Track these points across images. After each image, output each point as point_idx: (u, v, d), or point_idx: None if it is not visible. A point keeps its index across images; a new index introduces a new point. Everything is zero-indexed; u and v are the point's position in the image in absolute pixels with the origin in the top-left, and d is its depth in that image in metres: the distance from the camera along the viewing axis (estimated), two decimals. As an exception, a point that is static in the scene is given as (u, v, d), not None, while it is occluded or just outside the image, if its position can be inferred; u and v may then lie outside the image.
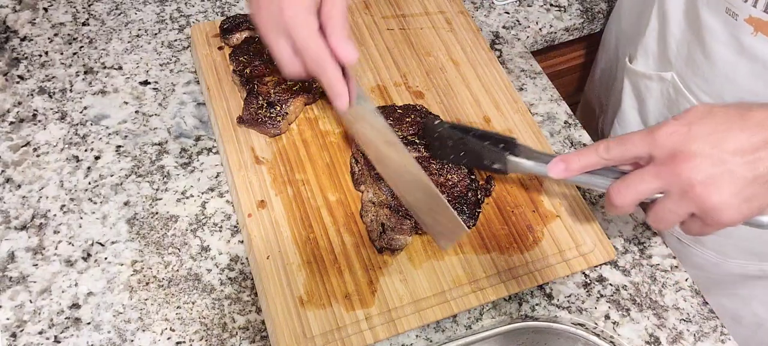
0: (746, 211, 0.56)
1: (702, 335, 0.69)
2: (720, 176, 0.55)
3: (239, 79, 0.82)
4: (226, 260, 0.72)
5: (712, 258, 0.89)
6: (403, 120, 0.78)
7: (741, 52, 0.74)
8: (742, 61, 0.74)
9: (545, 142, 0.81)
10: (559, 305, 0.70)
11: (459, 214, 0.71)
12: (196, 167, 0.80)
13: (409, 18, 0.94)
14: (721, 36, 0.75)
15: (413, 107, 0.80)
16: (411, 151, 0.75)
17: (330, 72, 0.64)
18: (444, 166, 0.73)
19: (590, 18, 1.02)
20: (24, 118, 0.84)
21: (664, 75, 0.86)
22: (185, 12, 0.97)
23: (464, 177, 0.73)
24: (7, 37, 0.93)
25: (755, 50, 0.72)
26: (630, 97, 0.93)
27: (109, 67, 0.89)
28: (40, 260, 0.72)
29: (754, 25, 0.71)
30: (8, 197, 0.76)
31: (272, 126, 0.78)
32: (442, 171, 0.73)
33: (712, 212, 0.56)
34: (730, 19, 0.73)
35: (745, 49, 0.73)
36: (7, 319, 0.68)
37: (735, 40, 0.74)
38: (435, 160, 0.74)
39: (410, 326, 0.66)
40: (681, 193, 0.57)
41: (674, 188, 0.57)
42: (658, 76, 0.87)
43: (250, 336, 0.67)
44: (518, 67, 0.93)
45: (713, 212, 0.56)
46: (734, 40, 0.74)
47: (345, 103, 0.66)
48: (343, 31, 0.64)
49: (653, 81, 0.88)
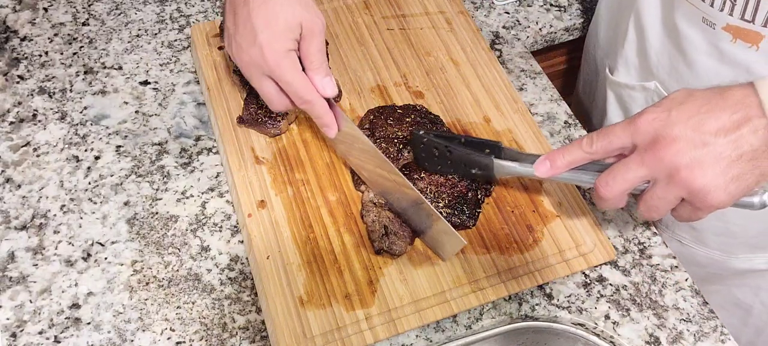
0: (734, 190, 0.56)
1: (702, 335, 0.69)
2: (704, 157, 0.55)
3: (239, 79, 0.82)
4: (226, 260, 0.72)
5: (718, 256, 0.88)
6: (403, 120, 0.78)
7: (722, 59, 0.74)
8: (725, 69, 0.74)
9: (545, 142, 0.81)
10: (559, 305, 0.70)
11: (459, 214, 0.71)
12: (196, 167, 0.80)
13: (409, 18, 0.93)
14: (701, 45, 0.75)
15: (413, 107, 0.80)
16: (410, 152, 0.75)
17: (317, 107, 0.69)
18: None
19: (590, 18, 1.02)
20: (24, 118, 0.84)
21: (647, 85, 0.85)
22: (185, 12, 0.97)
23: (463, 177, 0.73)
24: (7, 37, 0.93)
25: (736, 57, 0.72)
26: (615, 107, 0.93)
27: (109, 67, 0.89)
28: (40, 260, 0.72)
29: (732, 32, 0.71)
30: (8, 197, 0.76)
31: (272, 126, 0.78)
32: (442, 171, 0.73)
33: (700, 194, 0.56)
34: (707, 28, 0.73)
35: (726, 56, 0.73)
36: (7, 319, 0.68)
37: (715, 49, 0.74)
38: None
39: (410, 326, 0.66)
40: (667, 178, 0.57)
41: (660, 174, 0.57)
42: (641, 86, 0.86)
43: (250, 336, 0.67)
44: (518, 67, 0.93)
45: (701, 194, 0.56)
46: (714, 49, 0.74)
47: (334, 132, 0.71)
48: (323, 67, 0.69)
49: (636, 91, 0.87)
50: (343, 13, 0.93)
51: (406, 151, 0.75)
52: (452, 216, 0.71)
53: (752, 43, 0.70)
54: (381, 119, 0.78)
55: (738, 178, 0.56)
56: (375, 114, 0.79)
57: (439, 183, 0.73)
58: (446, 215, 0.71)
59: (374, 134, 0.77)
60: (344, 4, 0.94)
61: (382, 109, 0.80)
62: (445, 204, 0.72)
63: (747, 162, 0.56)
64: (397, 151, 0.75)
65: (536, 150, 0.80)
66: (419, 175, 0.73)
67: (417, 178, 0.73)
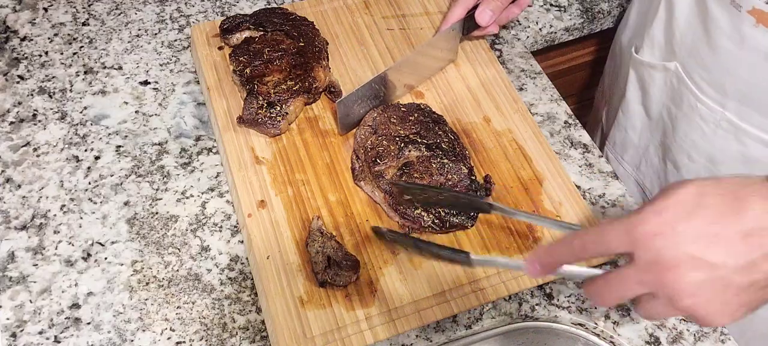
0: (740, 315, 0.50)
1: (702, 335, 0.69)
2: (711, 286, 0.48)
3: (239, 79, 0.82)
4: (226, 260, 0.72)
5: None
6: (406, 119, 0.78)
7: (742, 43, 0.75)
8: (743, 53, 0.75)
9: (545, 142, 0.81)
10: (559, 305, 0.70)
11: (458, 214, 0.71)
12: (196, 167, 0.80)
13: (409, 18, 0.93)
14: (726, 27, 0.76)
15: (417, 106, 0.80)
16: (412, 150, 0.75)
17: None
18: (444, 166, 0.74)
19: (590, 18, 1.02)
20: (24, 118, 0.84)
21: (668, 65, 0.87)
22: (185, 12, 0.97)
23: (464, 177, 0.73)
24: (7, 37, 0.93)
25: (756, 42, 0.73)
26: (634, 87, 0.94)
27: (109, 67, 0.89)
28: (40, 260, 0.72)
29: (756, 16, 0.72)
30: (8, 197, 0.76)
31: (272, 126, 0.78)
32: (443, 171, 0.73)
33: (703, 320, 0.50)
34: (734, 10, 0.74)
35: (746, 40, 0.74)
36: (7, 319, 0.68)
37: (737, 32, 0.75)
38: (436, 160, 0.74)
39: (410, 326, 0.66)
40: (668, 300, 0.50)
41: (660, 295, 0.50)
42: (662, 66, 0.88)
43: (250, 336, 0.67)
44: (518, 67, 0.93)
45: (703, 320, 0.50)
46: (736, 32, 0.75)
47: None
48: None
49: (657, 71, 0.89)
50: (343, 13, 0.93)
51: (408, 150, 0.75)
52: (451, 216, 0.71)
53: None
54: (384, 117, 0.78)
55: (747, 304, 0.50)
56: (379, 112, 0.79)
57: (439, 183, 0.73)
58: (445, 214, 0.71)
59: (377, 132, 0.77)
60: (344, 4, 0.94)
61: (386, 108, 0.80)
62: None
63: (759, 289, 0.49)
64: (398, 149, 0.75)
65: (536, 150, 0.80)
66: (421, 175, 0.73)
67: (417, 178, 0.73)
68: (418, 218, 0.71)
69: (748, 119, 0.80)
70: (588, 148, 0.84)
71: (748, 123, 0.80)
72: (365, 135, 0.77)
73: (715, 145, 0.84)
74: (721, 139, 0.83)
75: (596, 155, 0.83)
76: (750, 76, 0.76)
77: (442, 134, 0.77)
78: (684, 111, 0.86)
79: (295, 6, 0.94)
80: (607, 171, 0.82)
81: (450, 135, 0.78)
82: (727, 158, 0.84)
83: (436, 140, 0.76)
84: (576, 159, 0.83)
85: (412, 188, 0.70)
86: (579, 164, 0.82)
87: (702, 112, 0.83)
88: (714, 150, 0.85)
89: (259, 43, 0.84)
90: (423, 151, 0.75)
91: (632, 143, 0.98)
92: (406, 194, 0.71)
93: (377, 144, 0.76)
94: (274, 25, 0.86)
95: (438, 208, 0.71)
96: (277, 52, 0.82)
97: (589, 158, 0.83)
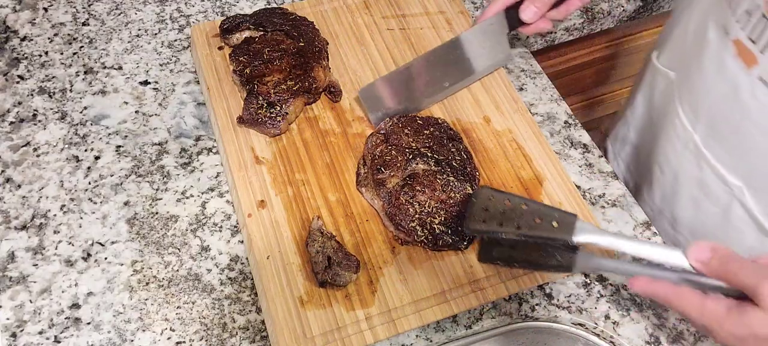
0: None
1: (702, 335, 0.69)
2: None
3: (239, 79, 0.82)
4: (226, 260, 0.72)
5: None
6: (421, 132, 0.77)
7: (720, 70, 0.74)
8: (718, 80, 0.74)
9: (545, 142, 0.81)
10: (559, 305, 0.70)
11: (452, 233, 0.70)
12: (196, 167, 0.80)
13: (409, 18, 0.94)
14: (712, 50, 0.75)
15: (434, 121, 0.79)
16: (420, 162, 0.74)
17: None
18: (449, 184, 0.73)
19: (590, 18, 1.02)
20: (24, 118, 0.84)
21: (670, 73, 0.86)
22: (185, 12, 0.97)
23: (466, 197, 0.72)
24: (7, 37, 0.93)
25: (731, 73, 0.72)
26: (646, 87, 0.94)
27: (109, 67, 0.89)
28: (40, 260, 0.72)
29: (737, 48, 0.71)
30: (8, 197, 0.76)
31: (272, 126, 0.78)
32: (446, 188, 0.72)
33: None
34: (723, 35, 0.73)
35: (725, 69, 0.73)
36: (7, 319, 0.68)
37: (718, 57, 0.74)
38: (442, 176, 0.73)
39: (410, 326, 0.66)
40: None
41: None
42: (665, 72, 0.87)
43: (250, 336, 0.67)
44: (518, 67, 0.93)
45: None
46: (718, 56, 0.74)
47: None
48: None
49: (661, 76, 0.88)
50: (343, 13, 0.93)
51: (415, 162, 0.74)
52: (444, 235, 0.70)
53: (747, 64, 0.70)
54: (399, 127, 0.77)
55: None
56: (394, 122, 0.78)
57: (441, 200, 0.72)
58: (439, 232, 0.70)
59: (388, 140, 0.76)
60: (344, 4, 0.94)
61: (402, 118, 0.79)
62: (439, 221, 0.71)
63: None
64: (405, 161, 0.74)
65: (536, 149, 0.80)
66: (422, 188, 0.73)
67: (419, 190, 0.72)
68: (412, 231, 0.70)
69: (710, 148, 0.78)
70: (588, 148, 0.84)
71: (710, 151, 0.78)
72: (376, 142, 0.77)
73: (681, 164, 0.83)
74: (686, 161, 0.82)
75: (596, 155, 0.83)
76: (719, 104, 0.75)
77: (455, 152, 0.76)
78: (667, 124, 0.85)
79: (295, 6, 0.94)
80: (607, 171, 0.82)
81: (463, 153, 0.77)
82: (686, 180, 0.83)
83: (448, 157, 0.75)
84: (576, 159, 0.83)
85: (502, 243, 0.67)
86: (579, 164, 0.82)
87: (677, 129, 0.83)
88: (680, 169, 0.84)
89: (259, 43, 0.84)
90: (431, 165, 0.74)
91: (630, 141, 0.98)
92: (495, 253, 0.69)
93: (386, 153, 0.75)
94: (274, 25, 0.86)
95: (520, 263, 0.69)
96: (277, 52, 0.82)
97: (589, 158, 0.83)
